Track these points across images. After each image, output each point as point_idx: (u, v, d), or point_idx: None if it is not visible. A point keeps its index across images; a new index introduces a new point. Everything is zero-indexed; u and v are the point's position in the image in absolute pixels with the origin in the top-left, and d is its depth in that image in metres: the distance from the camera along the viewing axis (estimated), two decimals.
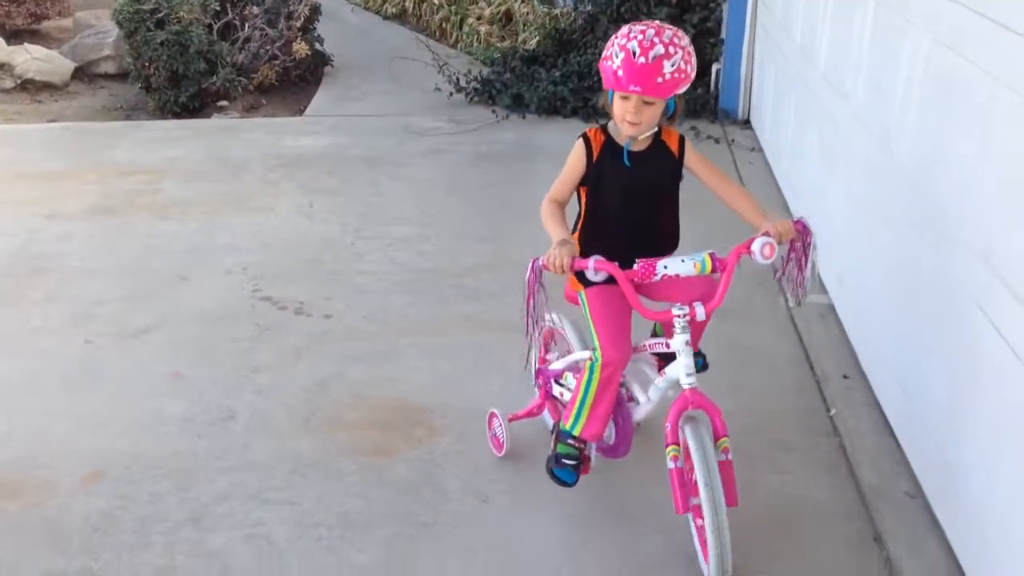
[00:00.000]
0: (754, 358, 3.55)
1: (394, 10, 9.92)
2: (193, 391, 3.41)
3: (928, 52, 2.88)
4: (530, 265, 2.51)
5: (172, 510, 2.80)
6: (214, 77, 6.77)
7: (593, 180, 2.60)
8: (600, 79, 2.53)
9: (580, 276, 2.53)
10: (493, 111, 6.55)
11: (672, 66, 2.39)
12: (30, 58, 7.49)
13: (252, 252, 4.52)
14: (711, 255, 2.46)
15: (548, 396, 2.99)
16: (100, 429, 3.19)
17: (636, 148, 2.56)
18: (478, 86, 6.87)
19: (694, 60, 2.45)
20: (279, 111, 6.94)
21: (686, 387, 2.46)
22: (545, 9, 8.07)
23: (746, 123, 6.32)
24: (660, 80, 2.38)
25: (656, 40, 2.40)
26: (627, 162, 2.55)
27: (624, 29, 2.48)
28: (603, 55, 2.49)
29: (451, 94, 6.87)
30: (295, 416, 3.26)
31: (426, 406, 3.29)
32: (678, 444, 2.44)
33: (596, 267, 2.40)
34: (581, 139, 2.60)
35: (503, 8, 8.38)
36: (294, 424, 3.22)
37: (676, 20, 6.53)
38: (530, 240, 3.04)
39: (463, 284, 4.17)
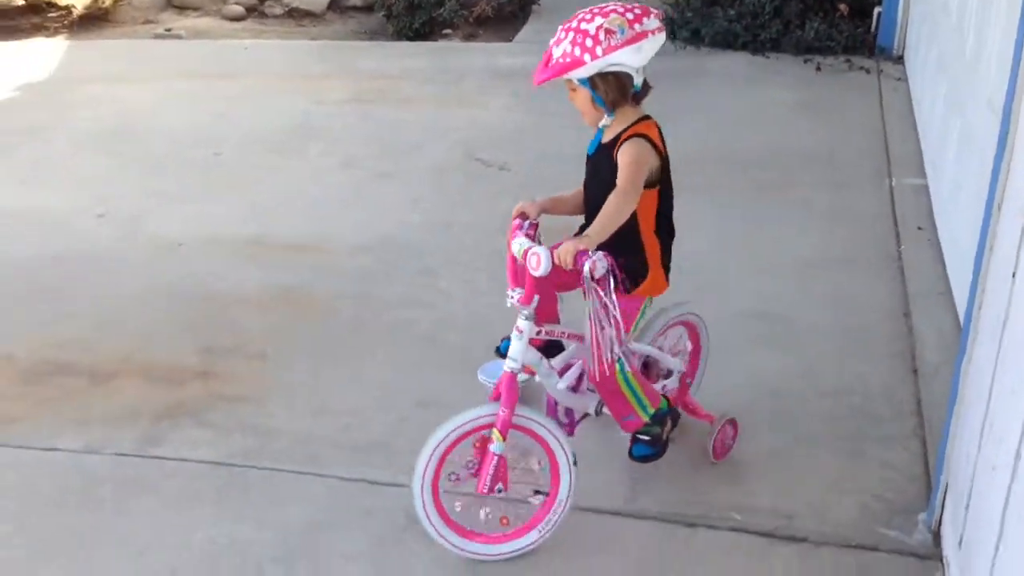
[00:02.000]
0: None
1: None
2: (426, 208, 4.76)
3: None
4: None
5: (409, 265, 4.16)
6: (442, 8, 8.16)
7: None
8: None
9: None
10: (672, 43, 7.62)
11: (559, 52, 2.38)
12: None
13: (469, 131, 5.84)
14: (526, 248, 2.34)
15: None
16: (366, 226, 4.59)
17: (604, 139, 2.54)
18: (668, 19, 7.93)
19: (589, 42, 2.34)
20: (492, 39, 8.26)
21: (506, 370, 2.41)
22: None
23: (899, 59, 7.08)
24: (547, 67, 2.41)
25: (564, 28, 2.41)
26: (590, 151, 2.59)
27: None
28: None
29: None
30: (494, 226, 4.52)
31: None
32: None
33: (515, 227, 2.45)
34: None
35: None
36: (494, 229, 4.48)
37: None
38: (687, 124, 3.96)
39: None
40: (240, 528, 2.66)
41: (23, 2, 9.01)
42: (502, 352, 2.58)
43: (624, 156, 2.43)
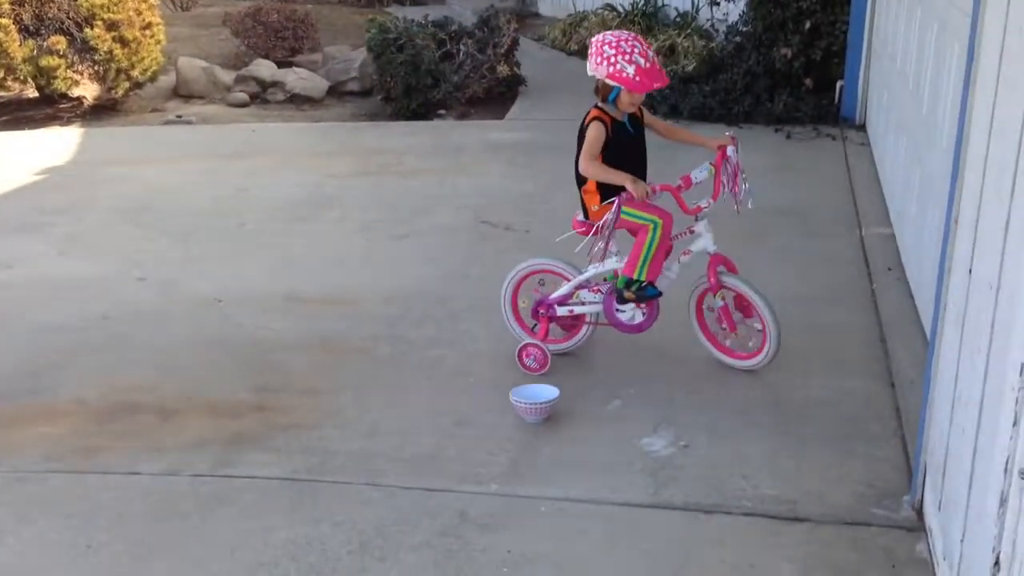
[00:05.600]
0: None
1: (576, 47, 11.78)
2: (442, 263, 5.21)
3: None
4: (616, 201, 3.57)
5: (435, 312, 4.59)
6: (437, 91, 8.75)
7: (609, 145, 3.66)
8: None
9: (606, 199, 3.65)
10: (654, 115, 8.21)
11: (660, 62, 3.67)
12: (297, 78, 9.75)
13: (472, 197, 6.33)
14: (711, 163, 3.70)
15: (549, 321, 3.99)
16: (388, 279, 5.03)
17: (623, 119, 3.75)
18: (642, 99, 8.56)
19: None
20: (484, 117, 8.85)
21: (712, 252, 3.71)
22: (703, 42, 9.75)
23: (861, 126, 7.71)
24: (664, 75, 3.64)
25: (645, 48, 3.60)
26: (630, 128, 3.77)
27: (611, 40, 3.60)
28: (611, 68, 3.54)
29: None
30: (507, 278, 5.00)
31: None
32: (724, 288, 3.73)
33: (661, 188, 3.59)
34: (598, 120, 3.66)
35: (668, 43, 10.08)
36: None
37: (808, 45, 8.05)
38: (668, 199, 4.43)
39: None
40: (316, 529, 3.02)
41: (36, 94, 9.54)
42: (652, 294, 3.79)
43: (653, 116, 4.04)
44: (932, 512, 2.78)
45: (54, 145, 8.12)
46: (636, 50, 3.56)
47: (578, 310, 4.00)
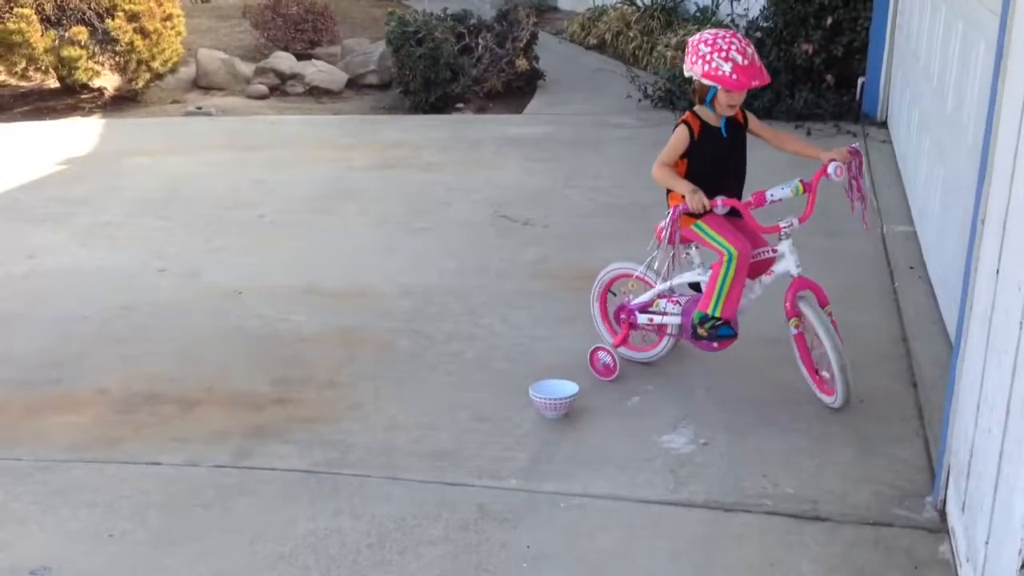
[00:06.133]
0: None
1: (595, 41, 11.76)
2: (461, 257, 5.21)
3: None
4: (671, 212, 3.46)
5: (454, 306, 4.59)
6: (455, 84, 8.76)
7: (695, 151, 3.49)
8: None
9: (690, 214, 3.44)
10: (672, 112, 8.19)
11: (761, 61, 3.37)
12: (316, 70, 9.77)
13: (490, 191, 6.34)
14: (801, 181, 3.39)
15: (630, 327, 3.83)
16: (406, 273, 5.03)
17: (718, 124, 3.51)
18: (661, 94, 8.54)
19: None
20: (503, 111, 8.84)
21: (795, 275, 3.44)
22: None
23: (883, 123, 7.67)
24: (764, 73, 3.37)
25: (743, 45, 3.33)
26: (724, 132, 3.52)
27: (707, 39, 3.36)
28: (707, 66, 3.32)
29: (639, 100, 8.57)
30: (525, 272, 4.99)
31: None
32: (798, 316, 3.45)
33: (723, 203, 3.35)
34: (683, 124, 3.49)
35: (687, 38, 10.03)
36: (525, 274, 4.95)
37: (830, 41, 8.00)
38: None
39: (637, 214, 5.79)
40: (336, 521, 3.03)
41: (57, 85, 9.60)
42: (725, 334, 3.58)
43: (758, 121, 3.70)
44: (955, 513, 2.77)
45: (75, 136, 8.17)
46: (733, 47, 3.33)
47: (658, 320, 3.78)
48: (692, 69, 3.43)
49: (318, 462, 3.36)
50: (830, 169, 3.36)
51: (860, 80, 7.96)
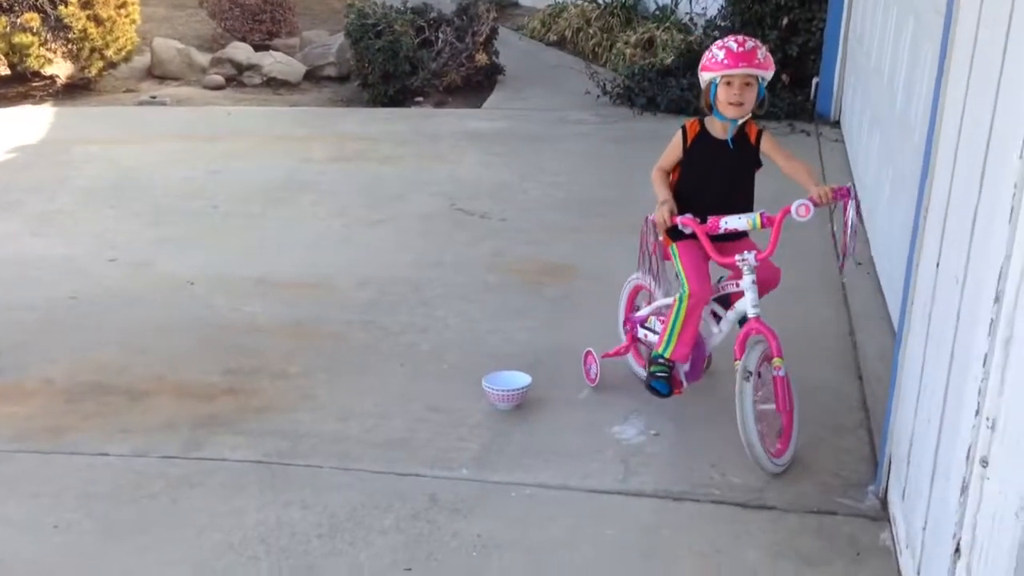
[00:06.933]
0: None
1: (555, 38, 11.78)
2: (416, 250, 5.21)
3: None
4: (644, 220, 3.38)
5: (409, 298, 4.59)
6: (415, 78, 8.73)
7: (687, 160, 3.36)
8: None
9: (672, 232, 3.29)
10: (631, 109, 8.25)
11: (762, 55, 3.19)
12: (274, 61, 9.69)
13: (448, 184, 6.33)
14: (761, 214, 3.18)
15: (634, 340, 3.70)
16: (362, 265, 5.02)
17: (724, 136, 3.29)
18: (620, 91, 8.59)
19: (770, 58, 3.21)
20: (462, 105, 8.83)
21: (751, 316, 3.18)
22: (682, 36, 9.77)
23: (836, 123, 7.78)
24: (757, 61, 3.16)
25: (745, 39, 3.21)
26: (731, 144, 3.29)
27: (717, 41, 3.25)
28: (703, 62, 3.22)
29: (598, 96, 8.61)
30: (481, 265, 5.00)
31: (567, 265, 4.98)
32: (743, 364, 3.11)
33: (683, 223, 3.21)
34: (680, 129, 3.37)
35: (647, 36, 10.09)
36: (482, 267, 4.96)
37: (785, 41, 8.10)
38: (643, 189, 3.91)
39: (594, 209, 5.83)
40: (286, 512, 3.02)
41: (7, 72, 9.41)
42: (655, 387, 3.37)
43: (774, 140, 3.37)
44: (896, 501, 2.83)
45: (25, 124, 8.03)
46: (735, 39, 3.22)
47: (650, 337, 3.59)
48: (700, 73, 3.30)
49: (269, 452, 3.34)
50: (793, 207, 3.09)
51: (814, 80, 8.08)
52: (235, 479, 3.20)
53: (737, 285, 3.26)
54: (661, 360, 3.35)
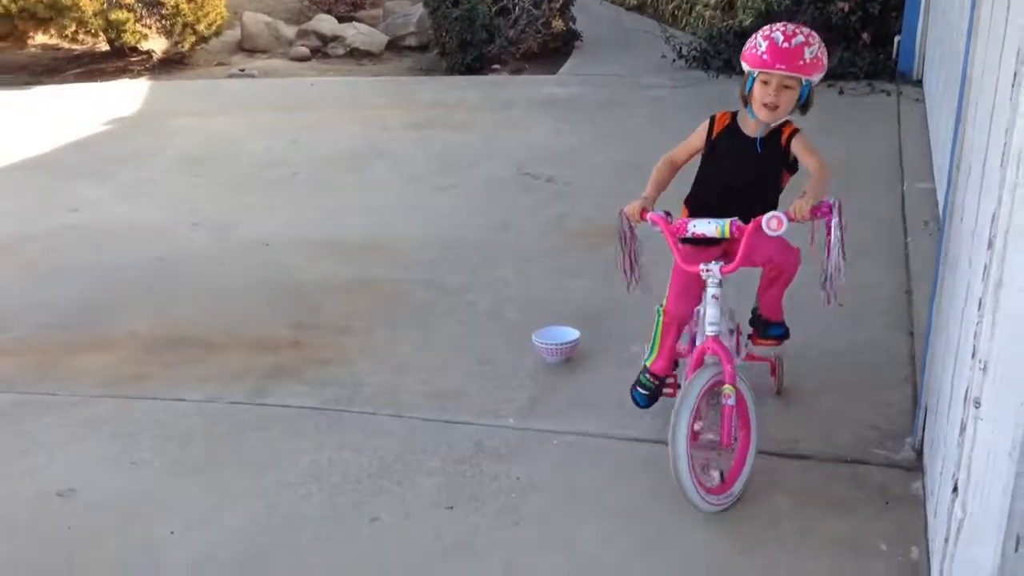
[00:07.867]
0: None
1: (635, 2, 11.74)
2: (484, 214, 5.36)
3: None
4: (619, 212, 3.02)
5: (471, 259, 4.74)
6: (491, 46, 8.85)
7: (707, 154, 3.04)
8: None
9: (692, 207, 3.06)
10: (706, 73, 8.20)
11: (811, 54, 2.75)
12: (356, 32, 9.94)
13: (518, 150, 6.46)
14: (731, 222, 2.79)
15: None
16: (429, 228, 5.20)
17: (755, 134, 2.91)
18: (696, 54, 8.54)
19: (826, 58, 2.80)
20: (538, 72, 8.92)
21: (709, 334, 2.82)
22: None
23: (918, 82, 7.59)
24: (801, 63, 2.73)
25: (797, 32, 2.76)
26: (759, 148, 2.91)
27: (766, 26, 2.83)
28: (745, 48, 2.83)
29: (673, 60, 8.58)
30: (544, 227, 5.12)
31: None
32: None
33: (652, 220, 2.89)
34: (708, 119, 3.02)
35: None
36: (545, 230, 5.08)
37: (866, 0, 7.92)
38: None
39: None
40: (340, 454, 3.22)
41: (107, 48, 9.89)
42: (635, 397, 3.25)
43: (806, 143, 2.92)
44: (928, 451, 2.86)
45: (123, 97, 8.45)
46: (781, 29, 2.79)
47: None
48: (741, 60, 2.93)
49: (327, 400, 3.55)
50: (764, 219, 2.70)
51: (896, 38, 7.89)
52: (295, 424, 3.42)
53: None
54: (648, 374, 3.25)
